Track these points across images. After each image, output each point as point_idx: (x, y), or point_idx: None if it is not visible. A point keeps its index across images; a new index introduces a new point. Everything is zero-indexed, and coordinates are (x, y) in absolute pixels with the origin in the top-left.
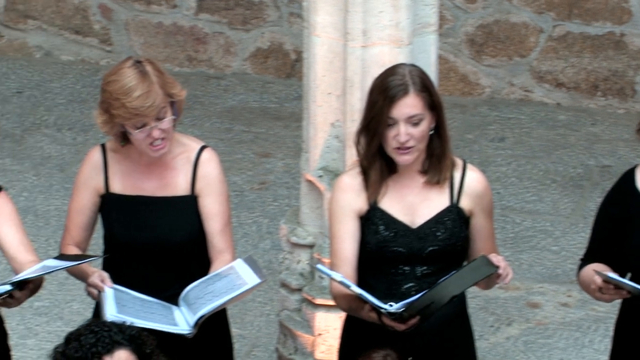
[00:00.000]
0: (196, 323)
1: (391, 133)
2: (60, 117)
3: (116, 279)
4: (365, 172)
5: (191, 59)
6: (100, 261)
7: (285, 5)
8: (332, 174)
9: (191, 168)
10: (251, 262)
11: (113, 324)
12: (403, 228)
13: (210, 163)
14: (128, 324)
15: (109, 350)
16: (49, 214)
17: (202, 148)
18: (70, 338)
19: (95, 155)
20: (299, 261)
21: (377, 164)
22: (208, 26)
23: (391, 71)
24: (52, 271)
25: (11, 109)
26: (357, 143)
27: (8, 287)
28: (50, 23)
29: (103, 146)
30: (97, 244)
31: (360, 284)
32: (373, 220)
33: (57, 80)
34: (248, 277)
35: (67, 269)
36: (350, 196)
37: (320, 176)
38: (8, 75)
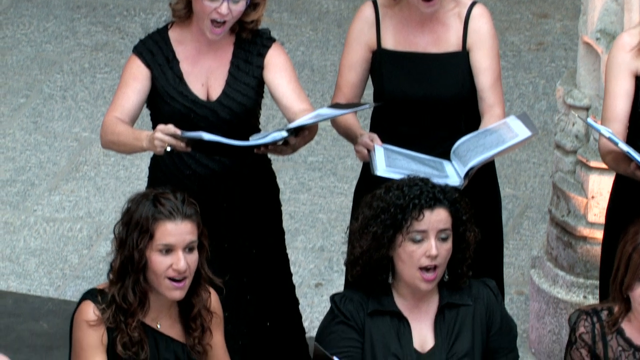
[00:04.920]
0: (466, 174)
1: None
2: None
3: (386, 137)
4: None
5: None
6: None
7: None
8: (610, 36)
9: (462, 24)
10: (524, 118)
11: (436, 184)
12: None
13: (481, 18)
14: (395, 178)
15: (431, 206)
16: (325, 69)
17: (473, 4)
18: (391, 186)
19: (367, 10)
20: (574, 123)
21: None
22: None
23: None
24: (326, 119)
25: None
26: None
27: (284, 134)
28: None
29: (374, 2)
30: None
31: (628, 144)
32: None
33: None
34: (519, 130)
35: (337, 128)
36: (628, 55)
37: (598, 39)
38: None
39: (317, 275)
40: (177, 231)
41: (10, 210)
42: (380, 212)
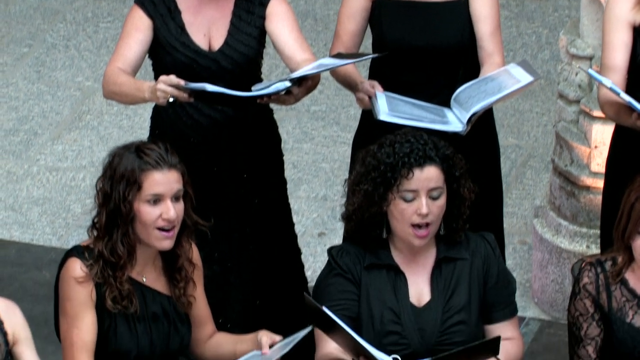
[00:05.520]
0: (469, 120)
1: None
2: None
3: (385, 86)
4: None
5: None
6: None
7: None
8: None
9: None
10: (525, 64)
11: (430, 139)
12: None
13: None
14: (398, 122)
15: (421, 164)
16: (328, 18)
17: None
18: (384, 143)
19: None
20: (577, 73)
21: None
22: None
23: None
24: (329, 69)
25: None
26: None
27: (287, 84)
28: None
29: None
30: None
31: (628, 95)
32: None
33: None
34: (521, 76)
35: (337, 77)
36: (625, 6)
37: None
38: None
39: (320, 225)
40: (165, 180)
41: (13, 159)
42: (372, 170)
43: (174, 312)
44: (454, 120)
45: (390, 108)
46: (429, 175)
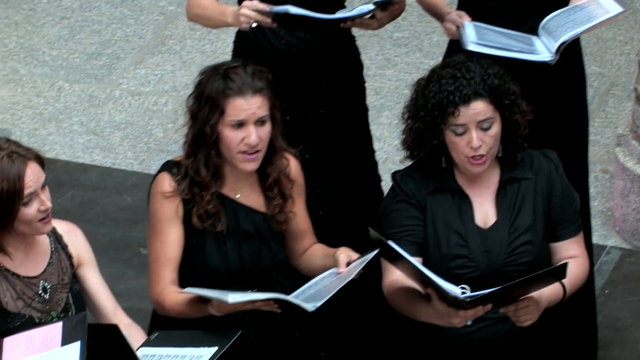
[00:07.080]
0: (557, 50)
1: None
2: None
3: (473, 13)
4: None
5: None
6: None
7: None
8: None
9: None
10: None
11: (477, 71)
12: None
13: None
14: (486, 52)
15: (466, 101)
16: None
17: None
18: (432, 77)
19: None
20: None
21: None
22: None
23: None
24: None
25: None
26: None
27: (371, 7)
28: None
29: None
30: None
31: None
32: None
33: None
34: (610, 7)
35: (422, 4)
36: None
37: None
38: None
39: (402, 151)
40: (248, 106)
41: (96, 83)
42: (420, 108)
43: (268, 230)
44: (543, 50)
45: (478, 37)
46: (475, 110)
